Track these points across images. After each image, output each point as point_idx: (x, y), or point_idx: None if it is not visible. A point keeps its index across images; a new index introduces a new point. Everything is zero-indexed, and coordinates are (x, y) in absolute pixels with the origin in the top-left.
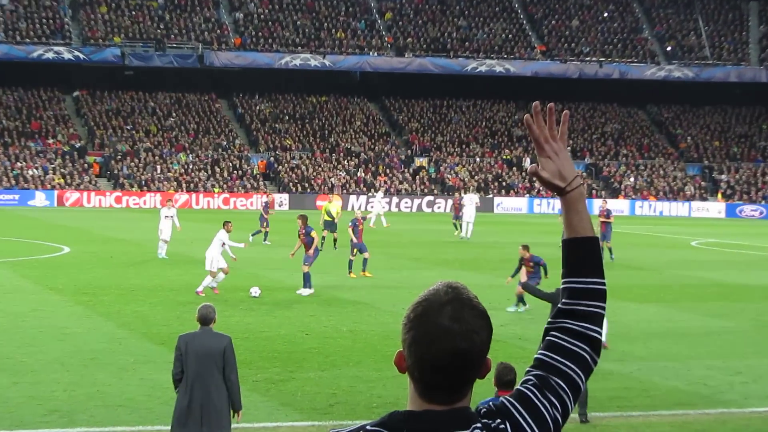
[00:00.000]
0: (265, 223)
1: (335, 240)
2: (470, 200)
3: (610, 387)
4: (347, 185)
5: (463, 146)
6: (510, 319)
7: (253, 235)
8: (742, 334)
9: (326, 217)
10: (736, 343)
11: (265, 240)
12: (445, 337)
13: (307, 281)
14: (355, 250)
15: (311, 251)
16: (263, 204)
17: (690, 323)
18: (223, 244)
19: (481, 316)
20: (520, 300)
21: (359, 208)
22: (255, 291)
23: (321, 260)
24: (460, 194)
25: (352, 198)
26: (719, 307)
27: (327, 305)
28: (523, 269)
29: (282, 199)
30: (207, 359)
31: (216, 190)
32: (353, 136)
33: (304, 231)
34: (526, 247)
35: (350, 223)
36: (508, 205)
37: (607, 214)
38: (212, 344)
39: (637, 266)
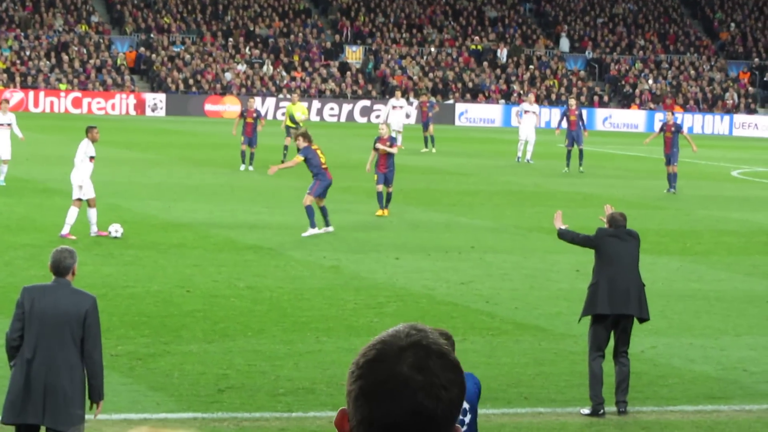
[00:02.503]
0: None
1: (285, 148)
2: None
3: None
4: (249, 83)
5: (414, 31)
6: (475, 275)
7: None
8: None
9: (289, 123)
10: None
11: None
12: (403, 391)
13: (310, 216)
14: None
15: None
16: None
17: (726, 285)
18: (92, 158)
19: (453, 368)
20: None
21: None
22: (116, 230)
23: (215, 184)
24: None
25: (256, 101)
26: (767, 264)
27: (217, 251)
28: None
29: (157, 100)
30: (59, 325)
31: (63, 86)
32: (257, 15)
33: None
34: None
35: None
36: (475, 114)
37: (676, 128)
38: (68, 305)
39: (655, 204)
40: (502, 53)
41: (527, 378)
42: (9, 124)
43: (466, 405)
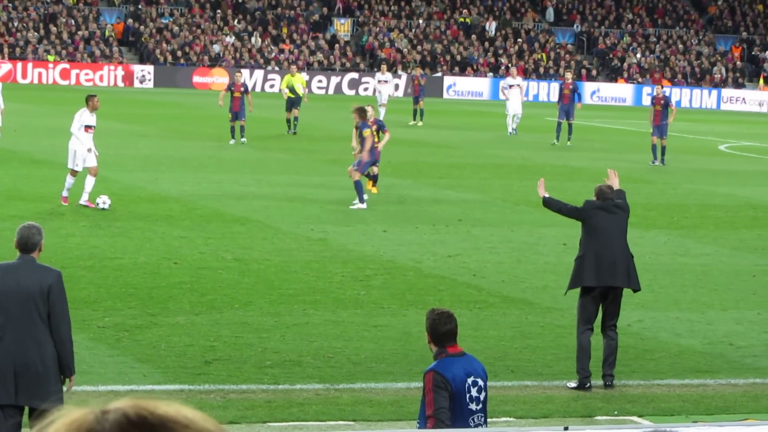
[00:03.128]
0: None
1: (296, 120)
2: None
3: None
4: (237, 55)
5: (402, 4)
6: (463, 248)
7: None
8: None
9: (289, 94)
10: None
11: None
12: None
13: (359, 192)
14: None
15: (365, 153)
16: None
17: (713, 259)
18: (88, 128)
19: None
20: None
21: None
22: (103, 201)
23: (203, 156)
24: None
25: (245, 73)
26: (754, 238)
27: (205, 223)
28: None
29: (145, 72)
30: (24, 302)
31: (51, 58)
32: None
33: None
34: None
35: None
36: (463, 87)
37: (665, 101)
38: (31, 282)
39: (643, 177)
40: (491, 26)
41: (513, 351)
42: None
43: (481, 383)
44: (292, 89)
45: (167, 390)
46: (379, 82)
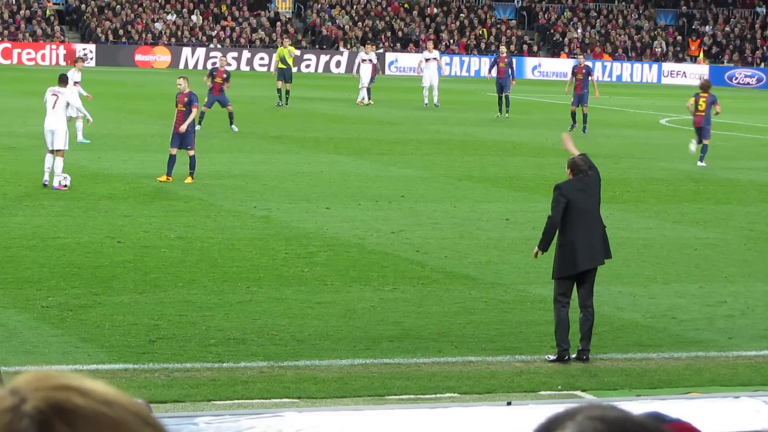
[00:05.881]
0: None
1: (288, 93)
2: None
3: (542, 320)
4: (179, 33)
5: None
6: (406, 225)
7: None
8: (726, 249)
9: (281, 65)
10: (718, 261)
11: None
12: None
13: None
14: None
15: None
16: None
17: (655, 233)
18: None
19: None
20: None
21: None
22: (65, 177)
23: (146, 134)
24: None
25: (185, 51)
26: (696, 211)
27: (148, 201)
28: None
29: (87, 51)
30: None
31: None
32: None
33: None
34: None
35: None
36: (405, 63)
37: (587, 71)
38: None
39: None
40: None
41: (457, 327)
42: None
43: None
44: (283, 60)
45: (112, 369)
46: (363, 61)
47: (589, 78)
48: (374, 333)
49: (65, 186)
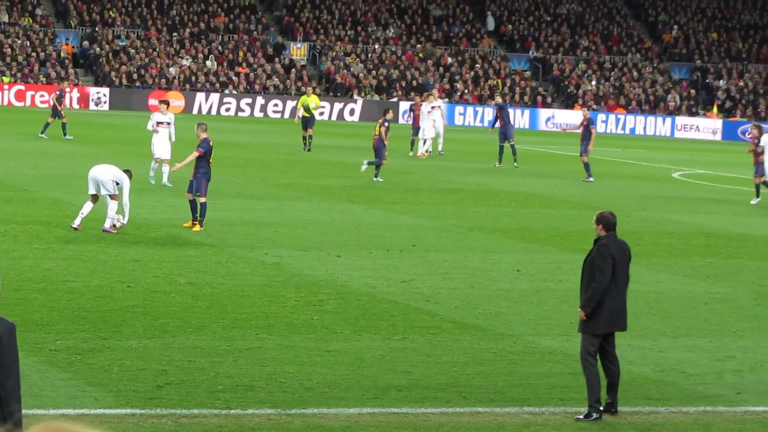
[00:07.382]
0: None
1: (311, 138)
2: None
3: (551, 372)
4: (193, 78)
5: (358, 28)
6: (416, 274)
7: (42, 133)
8: (736, 304)
9: (304, 113)
10: (728, 316)
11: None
12: None
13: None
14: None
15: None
16: (56, 94)
17: (666, 286)
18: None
19: None
20: None
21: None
22: (118, 219)
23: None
24: (422, 97)
25: (199, 96)
26: (706, 266)
27: (159, 246)
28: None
29: (101, 94)
30: None
31: (6, 79)
32: (203, 10)
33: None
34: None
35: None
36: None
37: (588, 123)
38: None
39: (594, 204)
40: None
41: (466, 377)
42: None
43: None
44: (306, 108)
45: (119, 414)
46: (433, 108)
47: (590, 130)
48: (383, 382)
49: (117, 228)
